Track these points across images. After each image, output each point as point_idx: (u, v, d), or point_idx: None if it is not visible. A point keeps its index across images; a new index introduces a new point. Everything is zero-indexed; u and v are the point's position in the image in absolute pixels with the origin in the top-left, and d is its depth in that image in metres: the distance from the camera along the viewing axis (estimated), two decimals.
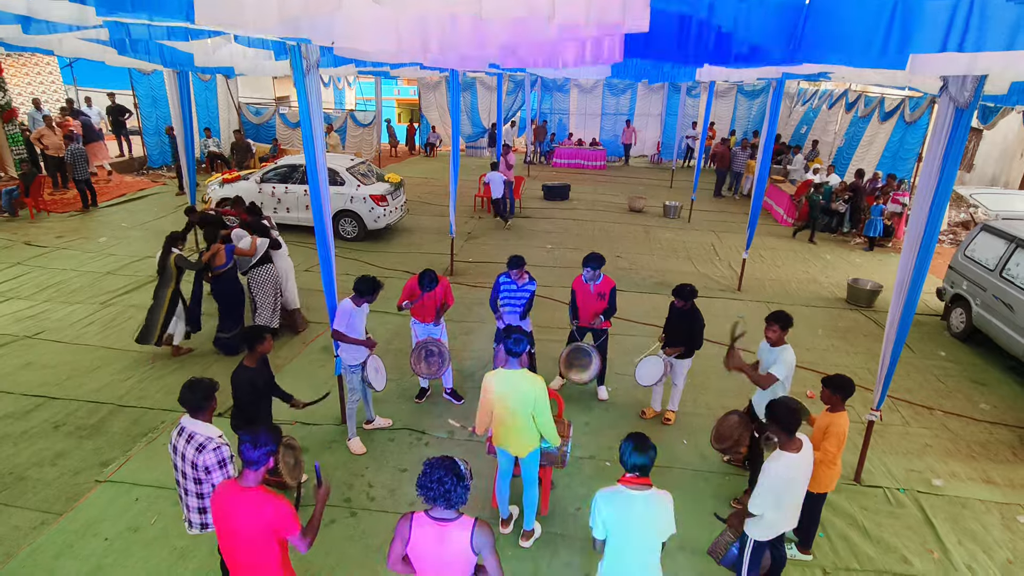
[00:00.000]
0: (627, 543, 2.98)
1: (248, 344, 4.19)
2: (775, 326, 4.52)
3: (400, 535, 2.71)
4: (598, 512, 2.98)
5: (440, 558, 2.67)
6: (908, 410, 6.36)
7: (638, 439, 3.01)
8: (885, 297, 8.82)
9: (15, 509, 4.52)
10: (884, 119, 14.18)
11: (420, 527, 2.67)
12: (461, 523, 2.67)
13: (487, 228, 12.39)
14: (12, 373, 6.29)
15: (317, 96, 4.47)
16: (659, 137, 21.13)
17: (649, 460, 2.96)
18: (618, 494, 2.98)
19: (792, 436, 3.38)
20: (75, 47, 7.00)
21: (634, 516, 2.95)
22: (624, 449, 3.01)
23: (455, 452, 5.26)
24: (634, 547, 2.99)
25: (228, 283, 6.73)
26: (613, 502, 2.96)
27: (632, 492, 2.96)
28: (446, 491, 2.60)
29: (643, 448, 2.97)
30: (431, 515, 2.67)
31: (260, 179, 11.05)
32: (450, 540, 2.65)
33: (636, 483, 2.97)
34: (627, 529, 2.96)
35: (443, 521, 2.66)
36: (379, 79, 17.65)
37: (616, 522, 2.95)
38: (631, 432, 3.09)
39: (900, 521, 4.79)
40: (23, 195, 11.47)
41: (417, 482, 2.65)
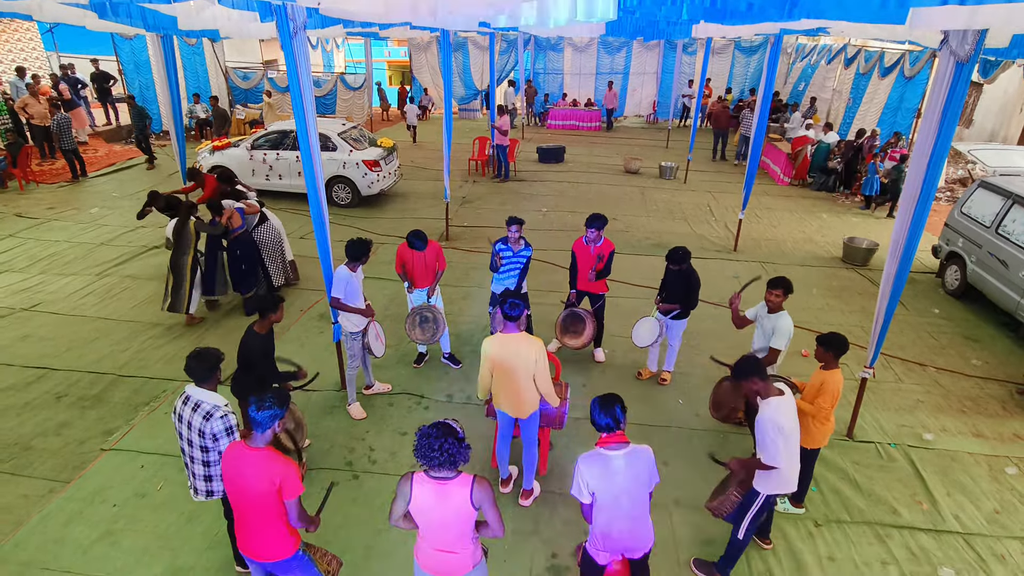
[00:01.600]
0: (615, 502, 3.04)
1: (262, 311, 4.21)
2: (779, 291, 4.54)
3: (401, 494, 2.77)
4: (580, 476, 3.03)
5: (441, 515, 2.74)
6: (901, 367, 6.45)
7: (603, 399, 3.05)
8: (881, 256, 8.84)
9: (23, 478, 4.60)
10: (884, 74, 13.94)
11: (420, 485, 2.73)
12: (461, 480, 2.73)
13: (482, 192, 12.28)
14: (10, 346, 6.31)
15: (305, 59, 4.36)
16: (655, 96, 20.77)
17: (613, 418, 2.99)
18: (597, 456, 3.03)
19: (765, 378, 3.43)
20: (55, 11, 6.78)
21: (616, 475, 3.00)
22: (592, 412, 3.06)
23: (454, 415, 5.35)
24: (622, 505, 3.05)
25: (246, 244, 6.95)
26: (593, 465, 3.02)
27: (610, 453, 3.01)
28: (451, 455, 2.65)
29: (607, 406, 3.01)
30: (431, 474, 2.72)
31: (251, 146, 10.88)
32: (450, 497, 2.71)
33: (613, 442, 3.02)
34: (611, 489, 3.01)
35: (443, 479, 2.71)
36: (368, 40, 17.19)
37: (600, 484, 3.01)
38: (594, 398, 3.10)
39: (891, 474, 4.91)
40: (10, 166, 11.28)
41: (417, 453, 2.68)
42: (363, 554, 4.03)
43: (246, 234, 6.96)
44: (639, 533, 3.16)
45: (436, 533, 2.81)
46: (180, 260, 6.61)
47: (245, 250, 6.95)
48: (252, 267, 7.07)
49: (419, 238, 5.52)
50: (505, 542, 4.11)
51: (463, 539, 2.84)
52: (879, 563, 4.09)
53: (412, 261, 5.66)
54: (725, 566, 3.86)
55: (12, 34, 16.13)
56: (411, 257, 5.64)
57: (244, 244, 6.93)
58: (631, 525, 3.12)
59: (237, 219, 6.79)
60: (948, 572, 4.03)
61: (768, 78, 7.98)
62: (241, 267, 6.97)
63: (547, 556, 4.08)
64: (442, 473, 2.71)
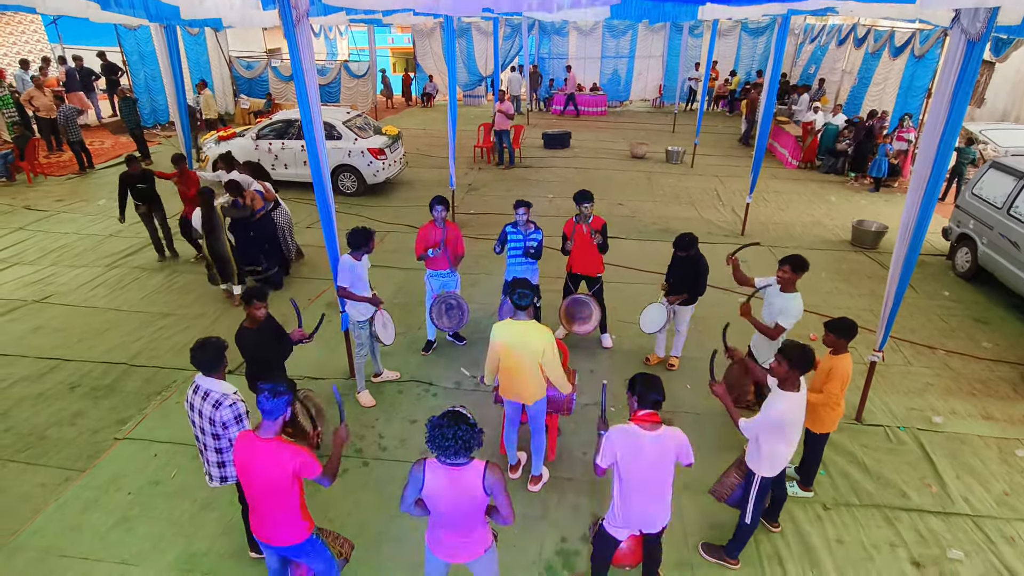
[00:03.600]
0: (639, 481, 3.09)
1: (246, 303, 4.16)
2: (786, 267, 4.50)
3: (413, 480, 2.79)
4: (609, 445, 3.09)
5: (454, 500, 2.77)
6: (910, 350, 6.42)
7: (646, 376, 3.11)
8: (890, 238, 8.77)
9: (39, 467, 4.68)
10: (895, 54, 13.72)
11: (433, 472, 2.75)
12: (473, 466, 2.75)
13: (488, 179, 12.24)
14: (24, 337, 6.39)
15: (309, 47, 4.34)
16: (660, 80, 20.56)
17: (662, 395, 3.07)
18: (631, 431, 3.08)
19: (798, 372, 3.43)
20: (58, 3, 6.78)
21: (644, 454, 3.05)
22: (638, 387, 3.09)
23: (464, 402, 5.36)
24: (645, 484, 3.10)
25: (268, 224, 7.37)
26: (626, 438, 3.07)
27: (644, 431, 3.05)
28: (465, 442, 2.68)
29: (656, 383, 3.08)
30: (443, 460, 2.74)
31: (256, 135, 10.88)
32: (462, 483, 2.74)
33: (648, 421, 3.06)
34: (637, 466, 3.07)
35: (455, 466, 2.73)
36: (372, 27, 17.09)
37: (626, 459, 3.06)
38: (637, 373, 3.17)
39: (900, 458, 4.91)
40: (18, 159, 11.35)
41: (431, 444, 2.70)
42: (375, 538, 4.09)
43: (268, 214, 7.34)
44: (658, 511, 3.21)
45: (448, 519, 2.84)
46: (217, 246, 6.89)
47: (268, 229, 7.35)
48: (275, 245, 7.51)
49: (443, 201, 5.56)
50: (515, 527, 4.14)
51: (474, 524, 2.88)
52: (888, 545, 4.10)
53: (435, 239, 5.62)
54: (734, 549, 3.88)
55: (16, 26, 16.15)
56: (433, 235, 5.62)
57: (267, 223, 7.34)
58: (652, 504, 3.17)
59: (259, 200, 7.14)
60: (957, 554, 4.03)
61: (776, 60, 7.87)
62: (265, 246, 7.34)
63: (556, 541, 4.12)
64: (454, 460, 2.73)
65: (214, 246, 6.88)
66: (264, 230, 7.31)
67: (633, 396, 3.11)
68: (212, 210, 6.77)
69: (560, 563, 3.95)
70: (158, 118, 15.64)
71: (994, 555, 4.04)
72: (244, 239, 7.16)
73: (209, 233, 6.82)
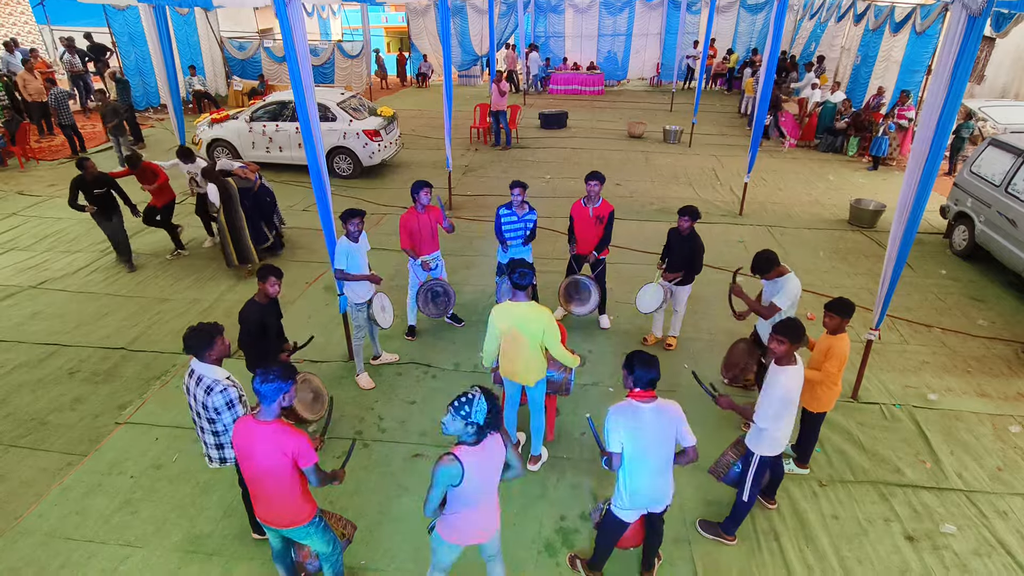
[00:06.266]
0: (642, 454, 3.12)
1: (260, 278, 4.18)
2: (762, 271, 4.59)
3: (448, 477, 2.74)
4: (613, 426, 3.11)
5: (487, 475, 2.87)
6: (907, 328, 6.45)
7: (643, 356, 3.13)
8: (888, 217, 8.76)
9: (41, 452, 4.70)
10: (896, 30, 13.57)
11: (467, 457, 2.76)
12: (495, 437, 2.87)
13: (484, 160, 12.16)
14: (22, 323, 6.37)
15: (301, 27, 4.27)
16: (658, 59, 20.34)
17: (659, 375, 3.11)
18: (629, 407, 3.11)
19: (797, 346, 3.46)
20: None
21: (645, 426, 3.09)
22: (634, 365, 3.11)
23: (462, 384, 5.43)
24: (648, 457, 3.13)
25: (264, 194, 7.65)
26: (624, 414, 3.11)
27: (641, 404, 3.10)
28: (498, 416, 2.79)
29: (653, 363, 3.10)
30: (469, 444, 2.78)
31: (250, 118, 10.76)
32: (491, 453, 2.85)
33: (643, 396, 3.11)
34: (640, 440, 3.10)
35: (481, 443, 2.80)
36: (365, 6, 16.84)
37: (629, 434, 3.10)
38: (634, 351, 3.19)
39: (895, 435, 4.96)
40: (9, 144, 11.22)
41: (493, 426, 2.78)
42: (376, 519, 4.13)
43: (263, 187, 7.65)
44: (663, 487, 3.25)
45: (480, 495, 2.90)
46: (234, 218, 7.10)
47: (265, 197, 7.66)
48: (269, 218, 7.80)
49: (424, 184, 5.55)
50: (515, 506, 4.20)
51: (496, 488, 3.02)
52: (882, 520, 4.17)
53: (418, 224, 5.62)
54: (731, 526, 3.94)
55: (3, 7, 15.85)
56: (416, 220, 5.60)
57: (263, 193, 7.63)
58: (656, 478, 3.20)
59: (251, 174, 7.44)
60: (950, 528, 4.10)
61: (774, 36, 7.78)
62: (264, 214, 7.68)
63: (555, 519, 4.17)
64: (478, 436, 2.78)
65: (233, 219, 7.10)
66: (264, 200, 7.62)
67: (629, 375, 3.13)
68: (226, 185, 6.98)
69: (559, 541, 4.00)
70: (150, 100, 15.45)
71: (987, 529, 4.11)
72: (250, 210, 7.39)
73: (227, 202, 7.02)
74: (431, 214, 5.67)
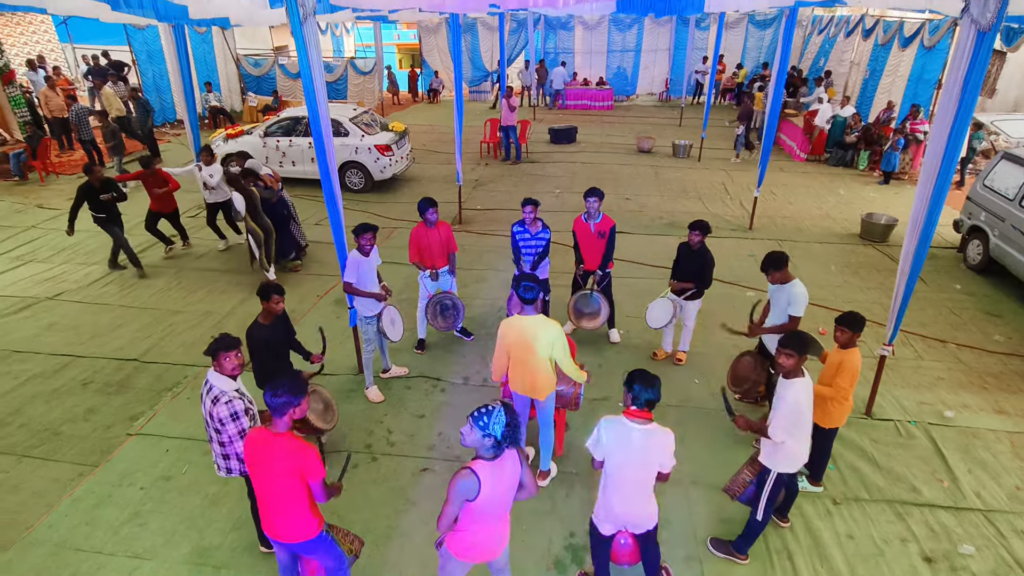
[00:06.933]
0: (619, 472, 3.12)
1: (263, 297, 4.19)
2: (770, 270, 4.57)
3: (465, 492, 2.72)
4: (599, 435, 3.13)
5: (503, 491, 2.83)
6: (921, 344, 6.37)
7: (644, 374, 3.09)
8: (900, 231, 8.69)
9: (53, 463, 4.74)
10: (904, 45, 13.57)
11: (484, 471, 2.74)
12: (512, 452, 2.84)
13: (494, 175, 12.24)
14: (38, 335, 6.46)
15: (316, 45, 4.35)
16: (667, 74, 20.45)
17: (658, 395, 3.06)
18: (620, 423, 3.10)
19: (804, 358, 3.44)
20: (68, 4, 6.83)
21: (631, 447, 3.06)
22: (634, 383, 3.07)
23: (472, 398, 5.42)
24: (624, 477, 3.13)
25: (280, 206, 7.78)
26: (614, 428, 3.10)
27: (633, 424, 3.07)
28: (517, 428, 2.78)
29: (654, 383, 3.06)
30: (487, 458, 2.76)
31: (264, 133, 10.92)
32: (507, 470, 2.82)
33: (639, 416, 3.07)
34: (624, 457, 3.09)
35: (498, 457, 2.78)
36: (378, 24, 17.09)
37: (614, 449, 3.09)
38: (634, 369, 3.15)
39: (910, 452, 4.88)
40: (31, 158, 11.46)
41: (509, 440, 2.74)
42: (384, 533, 4.11)
43: (282, 197, 7.81)
44: (637, 511, 3.21)
45: (493, 512, 2.87)
46: (261, 222, 7.26)
47: (286, 210, 7.82)
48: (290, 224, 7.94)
49: (429, 203, 5.56)
50: (523, 522, 4.16)
51: (508, 511, 2.98)
52: (898, 540, 4.09)
53: (428, 239, 5.66)
54: (743, 545, 3.88)
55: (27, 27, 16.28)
56: (426, 236, 5.64)
57: (281, 204, 7.77)
58: (632, 499, 3.17)
59: (275, 182, 7.73)
60: (968, 549, 4.01)
61: (783, 52, 7.82)
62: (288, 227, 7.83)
63: (565, 535, 4.13)
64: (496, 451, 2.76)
65: (260, 223, 7.24)
66: (280, 212, 7.71)
67: (629, 392, 3.10)
68: (252, 193, 7.16)
69: (569, 558, 3.96)
70: (166, 116, 15.73)
71: (1005, 550, 4.02)
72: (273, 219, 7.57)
73: (252, 211, 7.15)
74: (440, 230, 5.70)
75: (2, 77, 12.19)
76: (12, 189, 11.09)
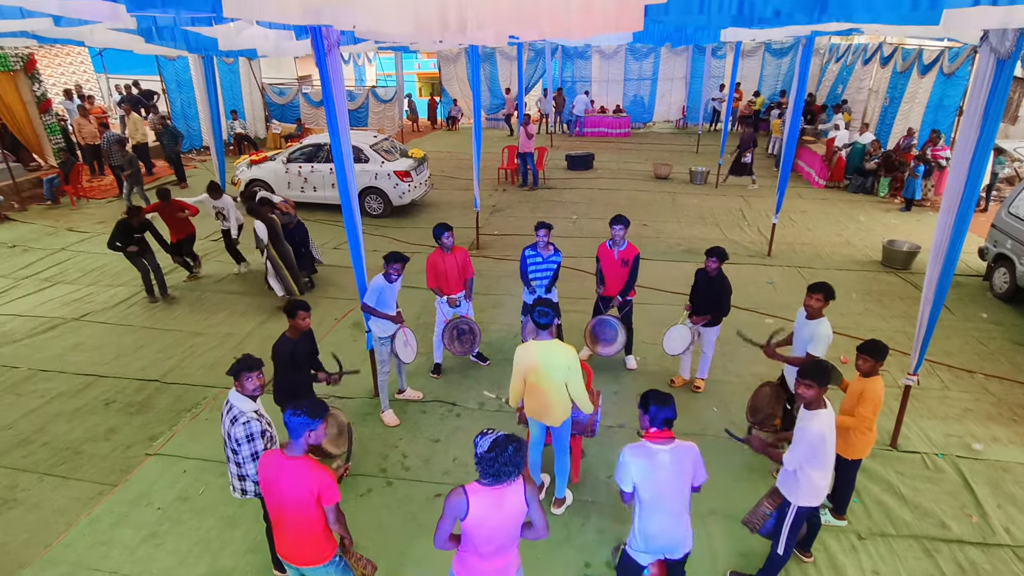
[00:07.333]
0: (657, 498, 3.03)
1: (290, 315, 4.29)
2: (819, 295, 4.42)
3: (454, 512, 2.72)
4: (624, 466, 3.05)
5: (498, 523, 2.75)
6: (947, 374, 6.22)
7: (659, 394, 3.07)
8: (923, 259, 8.56)
9: (74, 481, 4.80)
10: (923, 72, 13.54)
11: (477, 496, 2.71)
12: (515, 485, 2.75)
13: (512, 201, 12.34)
14: (64, 354, 6.59)
15: (339, 74, 4.48)
16: (684, 101, 20.60)
17: (674, 413, 3.03)
18: (643, 449, 3.04)
19: (825, 388, 3.37)
20: (105, 37, 7.10)
21: (660, 470, 3.01)
22: (649, 404, 3.05)
23: (486, 423, 5.39)
24: (663, 501, 3.04)
25: (302, 230, 8.18)
26: (639, 457, 3.03)
27: (656, 447, 3.02)
28: (520, 461, 2.69)
29: (669, 401, 3.03)
30: (484, 483, 2.72)
31: (286, 159, 11.18)
32: (507, 502, 2.74)
33: (661, 438, 3.03)
34: (654, 484, 3.02)
35: (499, 486, 2.72)
36: (399, 54, 17.53)
37: (643, 477, 3.01)
38: (648, 390, 3.13)
39: (938, 486, 4.73)
40: (63, 183, 11.86)
41: (491, 475, 2.66)
42: (398, 560, 4.07)
43: (299, 223, 8.16)
44: (679, 532, 3.14)
45: (490, 544, 2.80)
46: (283, 249, 7.57)
47: (303, 236, 8.15)
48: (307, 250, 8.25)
49: (445, 228, 5.63)
50: (538, 551, 4.10)
51: (512, 544, 2.86)
52: None
53: (444, 265, 5.72)
54: None
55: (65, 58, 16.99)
56: (443, 261, 5.70)
57: (299, 230, 8.11)
58: (671, 522, 3.10)
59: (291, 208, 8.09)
60: None
61: (800, 80, 7.85)
62: (301, 251, 8.07)
63: (580, 566, 4.05)
64: (498, 481, 2.70)
65: (282, 251, 7.52)
66: (293, 238, 7.94)
67: (645, 414, 3.07)
68: (271, 219, 7.43)
69: None
70: (192, 143, 16.19)
71: None
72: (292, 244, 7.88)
73: (275, 239, 7.42)
74: (457, 255, 5.75)
75: (39, 106, 12.69)
76: (44, 213, 11.45)
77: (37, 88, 12.57)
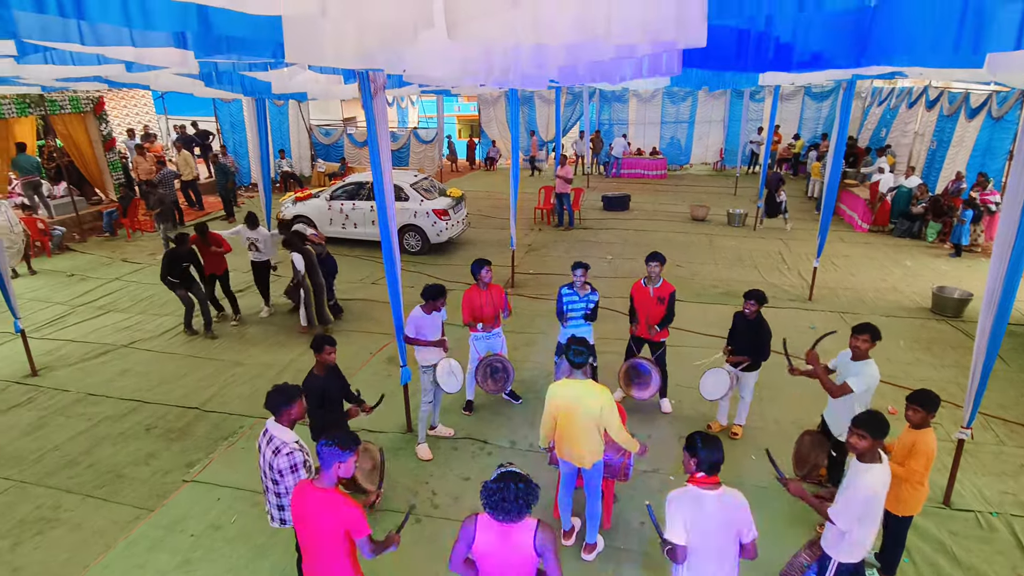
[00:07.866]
0: (705, 544, 2.90)
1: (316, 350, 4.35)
2: (865, 336, 4.30)
3: (464, 537, 2.76)
4: (674, 514, 2.90)
5: (504, 559, 2.70)
6: (1003, 428, 5.89)
7: (708, 438, 2.96)
8: (975, 306, 8.22)
9: (114, 504, 4.92)
10: (971, 116, 13.27)
11: (484, 529, 2.72)
12: (525, 525, 2.70)
13: (547, 240, 12.45)
14: (112, 379, 6.85)
15: (384, 116, 4.68)
16: (722, 144, 20.63)
17: (722, 456, 2.92)
18: (690, 494, 2.93)
19: (880, 441, 3.22)
20: (168, 81, 7.60)
21: (709, 515, 2.88)
22: (696, 447, 2.93)
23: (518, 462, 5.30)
24: (712, 548, 2.91)
25: (331, 262, 8.54)
26: (685, 502, 2.91)
27: (704, 491, 2.91)
28: (526, 500, 2.65)
29: (718, 445, 2.93)
30: (496, 517, 2.70)
31: (329, 196, 11.57)
32: (513, 541, 2.69)
33: (708, 482, 2.92)
34: (703, 532, 2.88)
35: (508, 523, 2.68)
36: (440, 97, 18.15)
37: (694, 523, 2.88)
38: (693, 432, 3.04)
39: (991, 546, 4.44)
40: (121, 216, 12.53)
41: (493, 508, 2.66)
42: None
43: (329, 255, 8.51)
44: None
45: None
46: (316, 279, 7.93)
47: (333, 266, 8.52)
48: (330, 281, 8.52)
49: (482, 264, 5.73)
50: None
51: None
52: None
53: (480, 300, 5.77)
54: None
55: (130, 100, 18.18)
56: (479, 297, 5.76)
57: (329, 260, 8.42)
58: (721, 572, 2.95)
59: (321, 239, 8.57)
60: None
61: (841, 123, 7.79)
62: (330, 281, 8.40)
63: None
64: (518, 518, 2.67)
65: (315, 280, 7.92)
66: (329, 267, 8.38)
67: (692, 457, 2.95)
68: (307, 249, 7.85)
69: None
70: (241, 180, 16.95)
71: None
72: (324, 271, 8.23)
73: (310, 268, 7.76)
74: (493, 292, 5.81)
75: (105, 144, 13.52)
76: (102, 244, 12.08)
77: (104, 128, 13.43)
